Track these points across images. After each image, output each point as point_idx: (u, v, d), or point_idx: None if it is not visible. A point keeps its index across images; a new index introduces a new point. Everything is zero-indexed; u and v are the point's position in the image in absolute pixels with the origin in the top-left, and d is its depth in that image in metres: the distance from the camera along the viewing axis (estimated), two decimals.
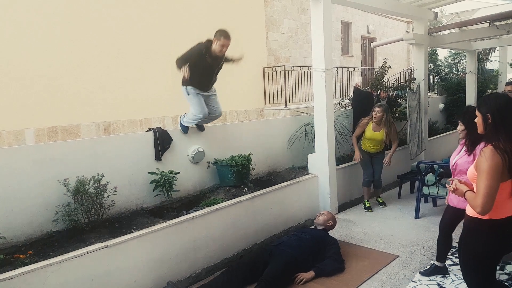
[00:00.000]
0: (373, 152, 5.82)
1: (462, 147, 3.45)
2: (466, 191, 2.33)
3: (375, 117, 5.60)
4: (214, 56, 4.67)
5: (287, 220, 5.07)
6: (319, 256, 4.00)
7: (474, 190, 2.30)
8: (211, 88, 5.06)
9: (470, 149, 3.28)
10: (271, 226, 4.81)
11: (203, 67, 4.72)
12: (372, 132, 5.68)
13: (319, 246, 4.08)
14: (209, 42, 4.63)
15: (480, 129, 2.36)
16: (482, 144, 3.17)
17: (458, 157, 3.43)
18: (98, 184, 4.05)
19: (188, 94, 4.87)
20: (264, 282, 3.49)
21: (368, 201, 5.87)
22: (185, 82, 4.80)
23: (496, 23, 7.35)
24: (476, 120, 2.40)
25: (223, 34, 4.56)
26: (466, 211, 2.44)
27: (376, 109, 5.62)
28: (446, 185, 2.78)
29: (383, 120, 5.60)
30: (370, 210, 5.75)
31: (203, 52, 4.62)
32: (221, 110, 5.26)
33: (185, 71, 4.64)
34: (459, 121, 3.49)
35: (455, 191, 2.40)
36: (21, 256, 3.40)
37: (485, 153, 2.18)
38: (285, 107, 10.19)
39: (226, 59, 5.01)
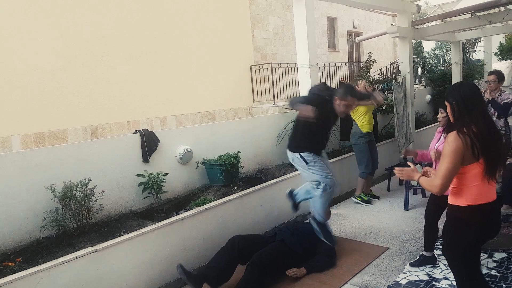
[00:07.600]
0: (372, 131, 5.83)
1: (441, 135, 3.60)
2: (419, 177, 2.44)
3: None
4: (334, 113, 3.80)
5: (278, 217, 5.08)
6: (311, 249, 4.04)
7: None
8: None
9: None
10: (262, 223, 4.82)
11: (324, 121, 3.69)
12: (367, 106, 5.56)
13: (311, 238, 4.10)
14: (330, 91, 3.79)
15: (451, 118, 2.45)
16: None
17: (439, 144, 3.59)
18: (85, 189, 4.03)
19: (307, 163, 3.71)
20: (251, 264, 3.54)
21: (364, 193, 5.89)
22: (298, 147, 3.73)
23: (478, 14, 7.43)
24: (447, 110, 2.49)
25: (350, 92, 3.70)
26: (448, 200, 2.47)
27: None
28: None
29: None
30: (369, 203, 5.77)
31: (328, 100, 3.67)
32: None
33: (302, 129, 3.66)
34: (440, 110, 3.79)
35: (402, 172, 2.56)
36: (10, 263, 3.38)
37: (448, 138, 2.29)
38: (274, 104, 10.19)
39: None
